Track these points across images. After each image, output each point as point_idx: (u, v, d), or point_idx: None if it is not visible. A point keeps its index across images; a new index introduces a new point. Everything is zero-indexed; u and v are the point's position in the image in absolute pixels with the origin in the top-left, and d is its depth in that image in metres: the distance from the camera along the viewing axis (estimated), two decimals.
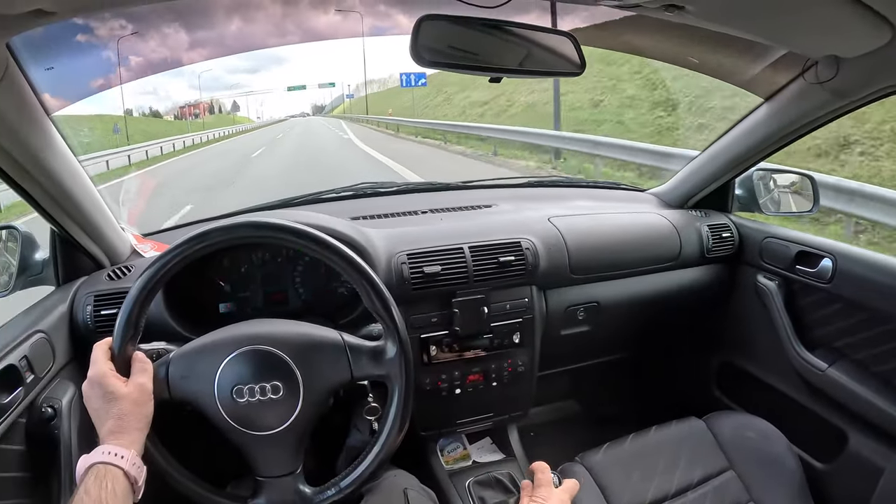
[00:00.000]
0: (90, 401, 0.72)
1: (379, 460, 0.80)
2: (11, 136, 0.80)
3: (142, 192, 1.72)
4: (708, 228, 1.37)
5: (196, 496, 0.78)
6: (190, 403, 0.78)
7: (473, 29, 0.87)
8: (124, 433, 0.69)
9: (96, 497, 0.60)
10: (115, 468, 0.64)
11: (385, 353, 0.81)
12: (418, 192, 1.62)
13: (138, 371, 0.74)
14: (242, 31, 7.51)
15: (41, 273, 1.08)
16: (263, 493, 0.78)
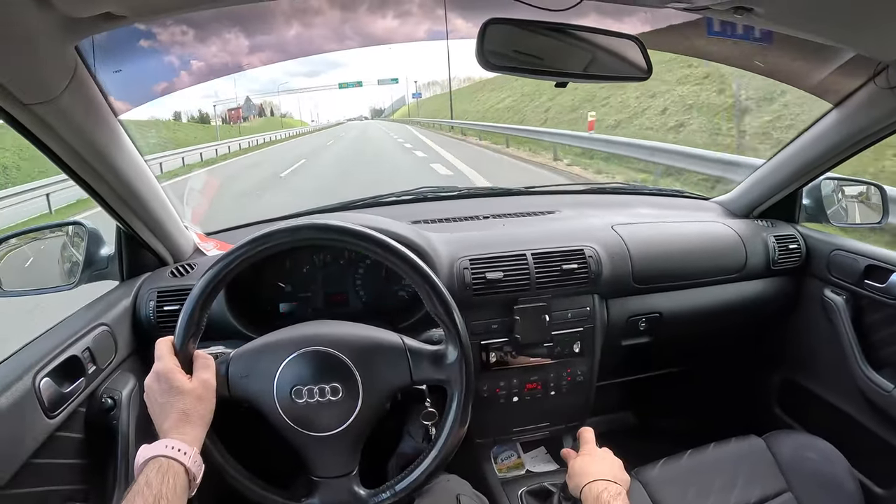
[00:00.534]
0: (154, 394, 0.73)
1: (435, 465, 0.80)
2: (80, 136, 0.83)
3: (207, 192, 1.77)
4: (774, 239, 1.32)
5: (251, 494, 0.79)
6: (248, 402, 0.79)
7: (537, 33, 0.86)
8: (187, 428, 0.70)
9: (157, 491, 0.61)
10: (177, 464, 0.65)
11: (446, 358, 0.80)
12: (479, 196, 1.61)
13: (202, 367, 0.76)
14: (301, 35, 7.57)
15: (106, 268, 1.12)
16: (318, 493, 0.79)
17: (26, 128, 0.76)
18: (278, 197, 7.89)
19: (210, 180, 2.21)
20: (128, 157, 0.94)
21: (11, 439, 0.73)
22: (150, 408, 0.73)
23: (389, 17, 19.60)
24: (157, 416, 0.72)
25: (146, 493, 0.60)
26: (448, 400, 0.80)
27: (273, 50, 18.09)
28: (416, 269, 0.78)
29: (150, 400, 0.73)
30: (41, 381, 0.79)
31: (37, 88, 0.71)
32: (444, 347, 0.81)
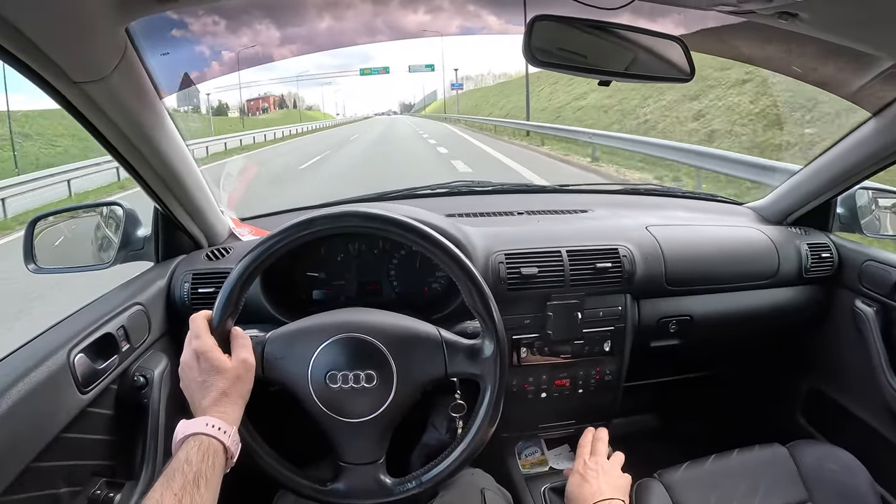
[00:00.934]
0: (191, 372, 0.72)
1: (462, 459, 0.80)
2: (126, 116, 0.84)
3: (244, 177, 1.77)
4: (807, 247, 1.31)
5: (278, 475, 0.79)
6: (281, 384, 0.79)
7: (582, 30, 0.85)
8: (227, 407, 0.70)
9: (197, 469, 0.61)
10: (217, 442, 0.65)
11: (482, 352, 0.80)
12: (513, 192, 1.61)
13: (241, 346, 0.75)
14: (332, 28, 7.59)
15: (142, 249, 1.14)
16: (343, 479, 0.79)
17: (74, 106, 0.77)
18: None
19: (248, 165, 2.20)
20: (171, 139, 0.95)
21: (45, 413, 0.74)
22: (187, 385, 0.73)
23: (421, 11, 19.62)
24: (195, 393, 0.71)
25: (186, 471, 0.60)
26: (480, 395, 0.81)
27: (303, 42, 17.96)
28: (457, 262, 0.78)
29: (188, 377, 0.73)
30: (76, 357, 0.81)
31: (87, 67, 0.72)
32: (480, 342, 0.81)
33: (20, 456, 0.68)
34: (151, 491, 0.58)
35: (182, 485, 0.58)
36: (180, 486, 0.58)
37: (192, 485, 0.59)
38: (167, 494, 0.57)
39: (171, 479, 0.59)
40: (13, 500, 0.67)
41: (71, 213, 1.22)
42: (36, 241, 1.12)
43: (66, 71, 0.70)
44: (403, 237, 0.79)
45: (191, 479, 0.59)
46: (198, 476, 0.60)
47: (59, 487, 0.77)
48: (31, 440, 0.71)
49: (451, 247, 0.79)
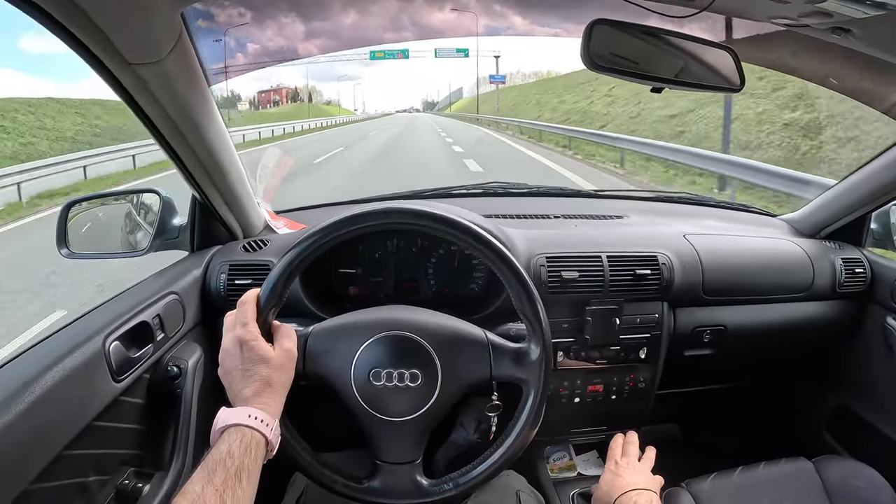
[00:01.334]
0: (233, 360, 0.70)
1: (501, 462, 0.79)
2: (176, 101, 0.84)
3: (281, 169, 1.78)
4: (841, 262, 1.31)
5: (313, 470, 0.78)
6: (322, 379, 0.78)
7: (635, 36, 0.85)
8: (269, 398, 0.68)
9: (240, 462, 0.59)
10: (259, 435, 0.64)
11: (527, 356, 0.79)
12: (549, 196, 1.60)
13: (285, 336, 0.74)
14: (357, 24, 7.44)
15: (177, 238, 1.13)
16: (379, 477, 0.78)
17: (125, 88, 0.77)
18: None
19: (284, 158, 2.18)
20: (216, 127, 0.95)
21: (78, 400, 0.73)
22: (227, 372, 0.71)
23: (447, 9, 19.25)
24: (236, 382, 0.69)
25: (228, 464, 0.58)
26: (523, 399, 0.80)
27: (329, 37, 17.47)
28: (508, 265, 0.78)
29: (229, 365, 0.71)
30: (111, 345, 0.80)
31: (143, 49, 0.72)
32: (526, 345, 0.80)
33: (53, 443, 0.68)
34: (190, 483, 0.56)
35: (224, 479, 0.57)
36: (222, 481, 0.56)
37: (234, 479, 0.58)
38: (209, 489, 0.55)
39: (213, 473, 0.57)
40: (43, 487, 0.66)
41: (105, 198, 1.22)
42: (69, 225, 1.11)
43: (122, 52, 0.70)
44: (454, 236, 0.78)
45: (233, 474, 0.58)
46: (240, 470, 0.59)
47: (87, 476, 0.76)
48: (64, 427, 0.70)
49: (504, 249, 0.78)
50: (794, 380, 1.55)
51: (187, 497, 0.54)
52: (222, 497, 0.55)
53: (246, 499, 0.58)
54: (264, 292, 0.75)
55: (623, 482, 0.86)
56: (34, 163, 8.88)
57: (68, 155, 9.74)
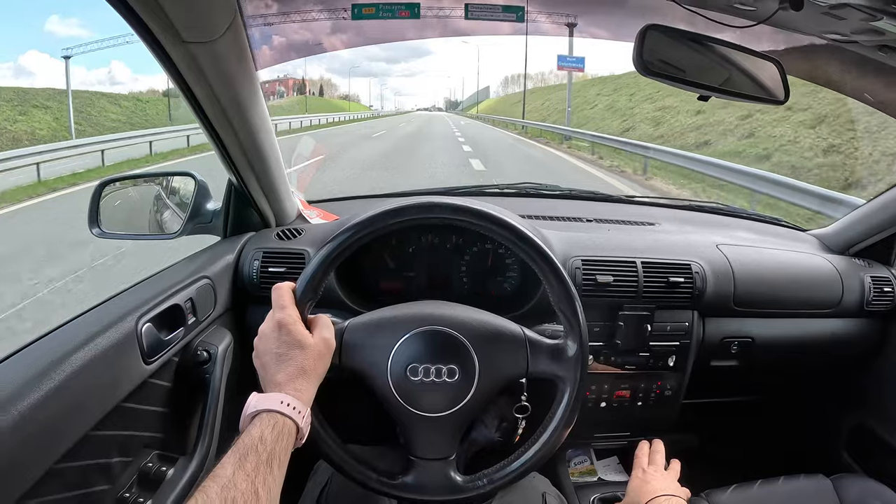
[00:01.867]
0: (269, 343, 0.69)
1: (536, 459, 0.79)
2: (224, 82, 0.84)
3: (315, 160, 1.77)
4: (871, 280, 1.30)
5: (347, 466, 0.78)
6: (358, 373, 0.77)
7: (684, 43, 0.85)
8: (303, 385, 0.67)
9: (271, 449, 0.58)
10: (291, 423, 0.63)
11: (565, 353, 0.79)
12: (581, 199, 1.61)
13: (323, 325, 0.73)
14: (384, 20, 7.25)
15: (210, 222, 1.13)
16: (413, 473, 0.78)
17: (176, 67, 0.77)
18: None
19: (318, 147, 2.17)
20: (260, 112, 0.95)
21: (108, 380, 0.72)
22: (262, 355, 0.69)
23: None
24: (271, 366, 0.68)
25: (260, 450, 0.58)
26: (558, 396, 0.79)
27: (355, 32, 16.86)
28: (546, 260, 0.78)
29: (264, 348, 0.69)
30: (143, 326, 0.80)
31: (199, 27, 0.72)
32: (563, 342, 0.80)
33: (81, 423, 0.67)
34: (221, 467, 0.55)
35: (255, 465, 0.56)
36: (253, 467, 0.56)
37: (266, 465, 0.57)
38: (240, 474, 0.54)
39: (245, 459, 0.56)
40: (68, 467, 0.66)
41: (139, 179, 1.22)
42: (102, 204, 1.12)
43: (178, 29, 0.70)
44: (494, 232, 0.78)
45: (264, 460, 0.57)
46: (271, 457, 0.58)
47: (111, 457, 0.75)
48: (92, 407, 0.69)
49: (542, 245, 0.78)
50: (816, 396, 1.54)
51: (218, 481, 0.53)
52: (253, 483, 0.54)
53: (276, 486, 0.57)
54: (300, 286, 0.74)
55: (651, 488, 0.86)
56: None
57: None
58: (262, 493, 0.54)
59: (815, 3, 0.71)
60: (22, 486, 0.58)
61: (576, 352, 0.78)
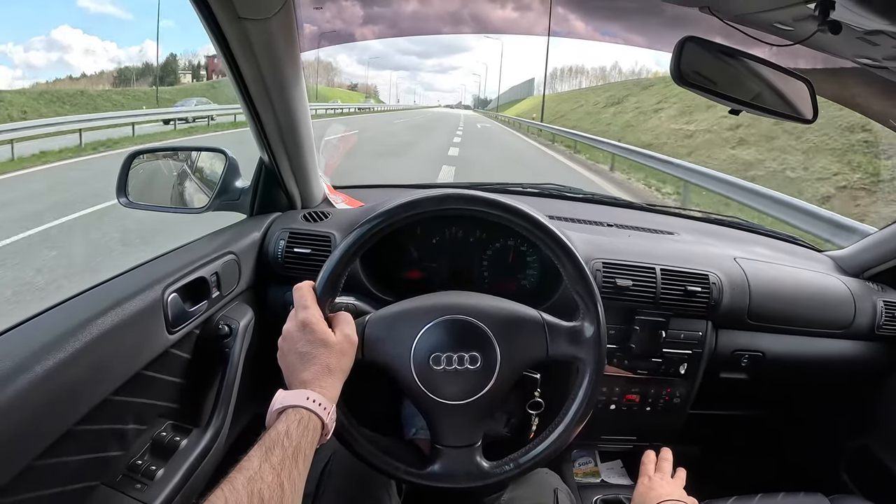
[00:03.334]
0: (294, 343, 0.70)
1: (560, 442, 0.80)
2: (272, 61, 0.85)
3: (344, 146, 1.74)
4: (883, 304, 1.31)
5: (374, 458, 0.79)
6: (381, 366, 0.78)
7: (718, 57, 0.87)
8: (328, 382, 0.68)
9: (297, 444, 0.59)
10: (316, 418, 0.63)
11: (582, 334, 0.80)
12: (603, 204, 1.62)
13: (344, 322, 0.74)
14: (417, 13, 7.21)
15: (237, 200, 1.15)
16: (440, 461, 0.79)
17: (228, 43, 0.78)
18: None
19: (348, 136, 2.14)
20: (300, 94, 0.97)
21: (133, 347, 0.74)
22: (286, 354, 0.70)
23: (509, 7, 18.23)
24: (296, 364, 0.69)
25: (286, 444, 0.58)
26: (579, 377, 0.81)
27: (387, 24, 16.29)
28: (559, 244, 0.80)
29: (289, 347, 0.70)
30: (170, 296, 0.81)
31: (256, 4, 0.74)
32: (580, 323, 0.81)
33: (103, 387, 0.68)
34: (247, 460, 0.56)
35: (281, 459, 0.57)
36: (279, 460, 0.56)
37: (291, 459, 0.58)
38: (266, 467, 0.55)
39: (271, 452, 0.57)
40: (85, 430, 0.67)
41: (169, 152, 1.24)
42: (130, 175, 1.13)
43: (235, 4, 0.72)
44: (505, 219, 0.80)
45: (290, 454, 0.58)
46: (297, 451, 0.59)
47: (126, 424, 0.76)
48: (114, 372, 0.70)
49: (553, 227, 0.80)
50: (822, 415, 1.55)
51: (244, 472, 0.54)
52: (279, 476, 0.55)
53: (300, 480, 0.58)
54: (320, 284, 0.75)
55: (657, 494, 0.87)
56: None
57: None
58: (287, 486, 0.55)
59: (852, 28, 0.73)
60: (41, 444, 0.59)
61: (593, 332, 0.80)
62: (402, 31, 3.26)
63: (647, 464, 0.95)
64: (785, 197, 5.51)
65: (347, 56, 66.99)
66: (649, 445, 1.16)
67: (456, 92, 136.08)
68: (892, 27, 0.68)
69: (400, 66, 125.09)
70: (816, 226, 4.76)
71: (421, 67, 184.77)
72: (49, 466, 0.61)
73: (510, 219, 0.80)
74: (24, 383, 0.56)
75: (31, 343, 0.61)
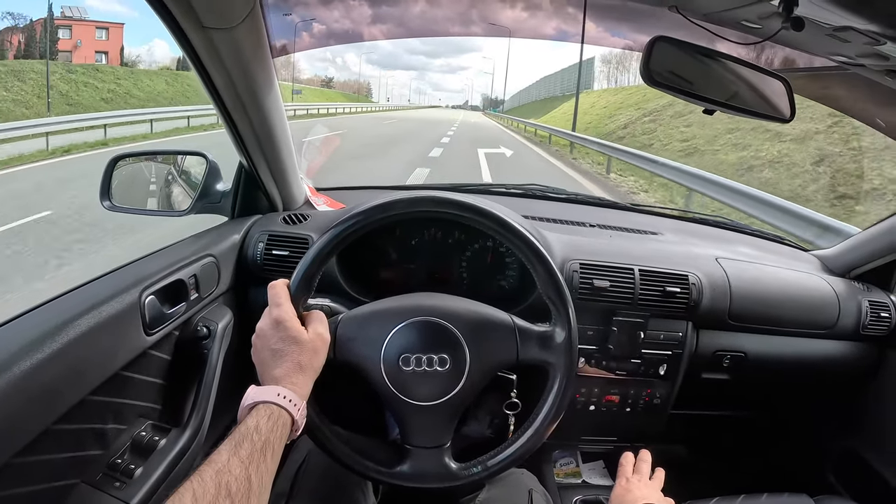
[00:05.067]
0: (267, 340, 0.71)
1: (528, 446, 0.80)
2: (241, 69, 0.86)
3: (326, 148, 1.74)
4: (868, 304, 1.30)
5: (344, 456, 0.79)
6: (352, 366, 0.79)
7: (693, 56, 0.86)
8: (300, 380, 0.68)
9: (266, 438, 0.60)
10: (286, 414, 0.64)
11: (553, 339, 0.80)
12: (586, 204, 1.62)
13: (317, 320, 0.74)
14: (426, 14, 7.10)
15: (218, 203, 1.16)
16: (409, 461, 0.79)
17: (196, 51, 0.79)
18: None
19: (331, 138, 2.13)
20: (274, 99, 0.97)
21: (110, 348, 0.75)
22: (259, 351, 0.71)
23: (519, 7, 17.85)
24: (268, 361, 0.70)
25: (255, 439, 0.59)
26: (549, 382, 0.81)
27: (395, 23, 15.84)
28: (531, 248, 0.80)
29: (262, 344, 0.71)
30: (147, 298, 0.82)
31: (219, 14, 0.74)
32: (551, 328, 0.81)
33: (80, 387, 0.69)
34: (216, 453, 0.56)
35: (250, 452, 0.57)
36: (248, 454, 0.57)
37: (260, 453, 0.58)
38: (234, 461, 0.55)
39: (240, 446, 0.57)
40: (64, 429, 0.68)
41: (151, 156, 1.25)
42: (114, 179, 1.14)
43: (199, 14, 0.72)
44: (476, 222, 0.80)
45: (259, 448, 0.58)
46: (265, 446, 0.59)
47: (106, 423, 0.78)
48: (92, 373, 0.71)
49: (526, 232, 0.80)
50: (807, 416, 1.54)
51: (213, 465, 0.54)
52: (247, 470, 0.55)
53: (268, 474, 0.59)
54: (294, 282, 0.76)
55: (633, 497, 0.87)
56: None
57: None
58: (255, 479, 0.55)
59: (818, 25, 0.72)
60: (20, 441, 0.60)
61: (564, 338, 0.80)
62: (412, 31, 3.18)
63: (624, 465, 0.95)
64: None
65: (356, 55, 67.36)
66: (631, 446, 1.16)
67: (463, 91, 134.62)
68: (858, 23, 0.68)
69: (409, 66, 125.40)
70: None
71: (429, 66, 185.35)
72: (28, 464, 0.63)
73: (481, 221, 0.80)
74: (1, 383, 0.57)
75: (9, 345, 0.62)
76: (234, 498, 0.52)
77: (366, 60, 64.53)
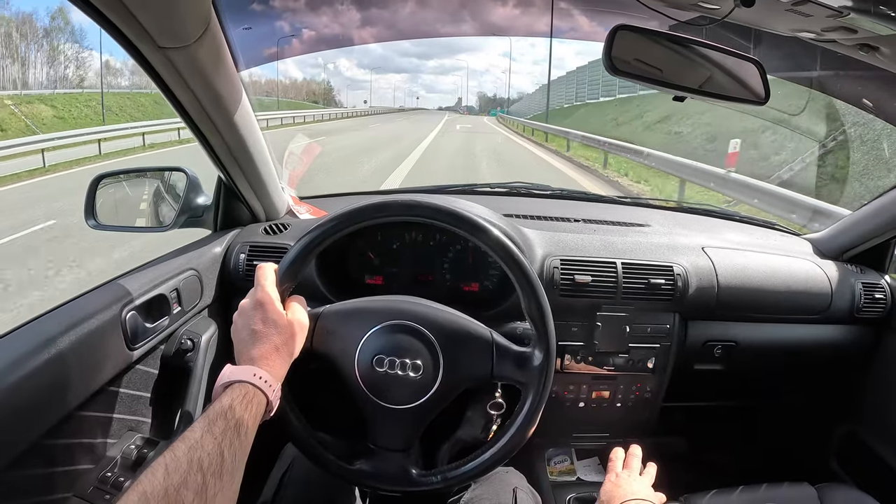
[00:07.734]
0: (247, 319, 0.72)
1: (493, 461, 0.80)
2: (204, 85, 0.86)
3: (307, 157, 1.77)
4: (862, 286, 1.28)
5: (308, 446, 0.80)
6: (328, 359, 0.79)
7: (661, 44, 0.85)
8: (276, 362, 0.69)
9: (240, 417, 0.60)
10: (261, 394, 0.65)
11: (531, 361, 0.79)
12: (572, 199, 1.61)
13: (296, 307, 0.76)
14: (416, 15, 6.95)
15: (200, 217, 1.16)
16: (371, 461, 0.80)
17: (156, 70, 0.79)
18: None
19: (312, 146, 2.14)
20: (243, 112, 0.97)
21: (94, 363, 0.76)
22: (239, 331, 0.72)
23: (510, 5, 17.74)
24: (246, 341, 0.71)
25: (229, 416, 0.60)
26: (521, 401, 0.80)
27: (385, 26, 16.09)
28: (520, 268, 0.78)
29: (242, 324, 0.72)
30: (128, 314, 0.83)
31: (173, 34, 0.74)
32: (530, 350, 0.80)
33: (65, 402, 0.70)
34: (190, 430, 0.57)
35: (223, 430, 0.58)
36: (221, 431, 0.57)
37: (233, 431, 0.58)
38: (207, 437, 0.56)
39: (213, 423, 0.58)
40: (52, 444, 0.69)
41: (133, 174, 1.26)
42: (98, 198, 1.15)
43: (152, 36, 0.72)
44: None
45: (232, 426, 0.59)
46: (239, 424, 0.60)
47: (95, 438, 0.79)
48: (77, 388, 0.73)
49: (516, 251, 0.79)
50: (805, 403, 1.52)
51: (186, 441, 0.55)
52: (220, 446, 0.56)
53: (241, 452, 0.59)
54: (282, 269, 0.77)
55: (623, 492, 0.86)
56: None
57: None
58: (228, 455, 0.56)
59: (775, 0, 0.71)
60: (8, 455, 0.61)
61: (541, 361, 0.79)
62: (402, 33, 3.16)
63: (614, 461, 0.94)
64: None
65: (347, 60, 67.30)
66: (624, 441, 1.15)
67: (454, 93, 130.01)
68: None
69: (401, 69, 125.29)
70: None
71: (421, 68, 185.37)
72: (20, 478, 0.64)
73: (477, 235, 0.79)
74: None
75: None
76: (205, 473, 0.53)
77: (354, 64, 64.80)
